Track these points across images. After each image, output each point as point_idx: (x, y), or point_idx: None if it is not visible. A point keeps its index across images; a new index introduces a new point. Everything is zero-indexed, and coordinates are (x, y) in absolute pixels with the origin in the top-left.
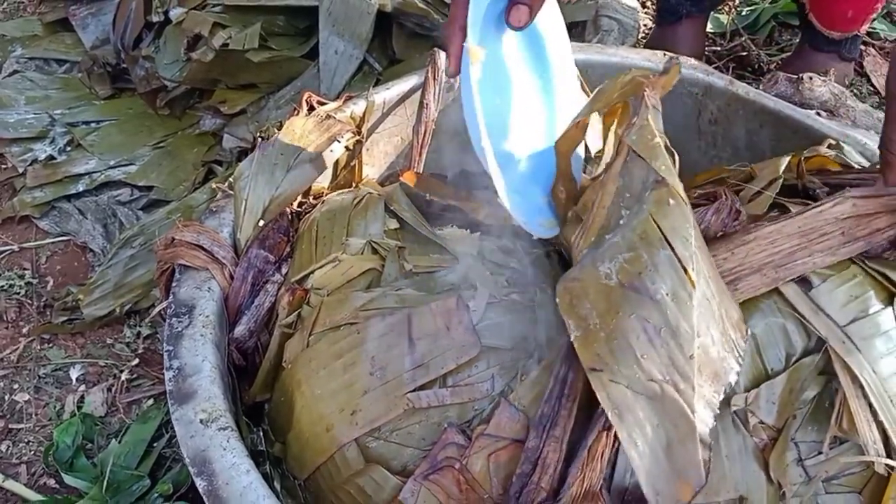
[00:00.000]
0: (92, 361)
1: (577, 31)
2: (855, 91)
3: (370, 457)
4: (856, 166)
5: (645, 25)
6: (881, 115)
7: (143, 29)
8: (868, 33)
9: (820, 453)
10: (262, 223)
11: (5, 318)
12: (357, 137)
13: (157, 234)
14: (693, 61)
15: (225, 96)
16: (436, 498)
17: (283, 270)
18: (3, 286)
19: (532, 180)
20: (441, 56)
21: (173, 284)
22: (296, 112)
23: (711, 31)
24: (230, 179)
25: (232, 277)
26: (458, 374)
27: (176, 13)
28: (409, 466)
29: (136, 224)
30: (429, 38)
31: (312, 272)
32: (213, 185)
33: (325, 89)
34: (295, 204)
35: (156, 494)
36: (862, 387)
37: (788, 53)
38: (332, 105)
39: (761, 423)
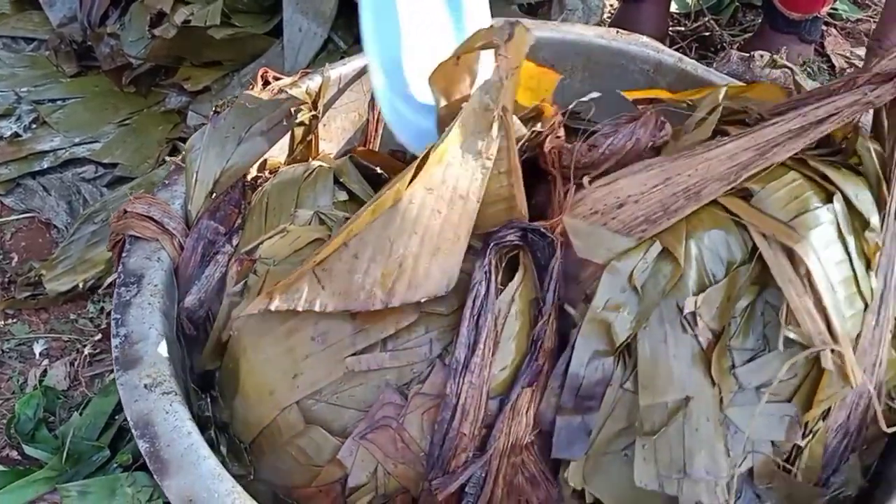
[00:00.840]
0: (55, 336)
1: (543, 10)
2: (808, 69)
3: (311, 419)
4: None
5: (611, 5)
6: None
7: (110, 6)
8: (830, 14)
9: (750, 360)
10: (213, 195)
11: None
12: (313, 112)
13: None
14: (644, 39)
15: (189, 73)
16: (373, 456)
17: (234, 241)
18: None
19: (429, 109)
20: None
21: (123, 255)
22: (251, 87)
23: (676, 11)
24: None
25: (182, 248)
26: (397, 338)
27: None
28: (350, 428)
29: (100, 200)
30: None
31: (261, 243)
32: (168, 160)
33: (289, 67)
34: (250, 177)
35: (115, 465)
36: (809, 273)
37: (751, 34)
38: (287, 80)
39: (707, 326)
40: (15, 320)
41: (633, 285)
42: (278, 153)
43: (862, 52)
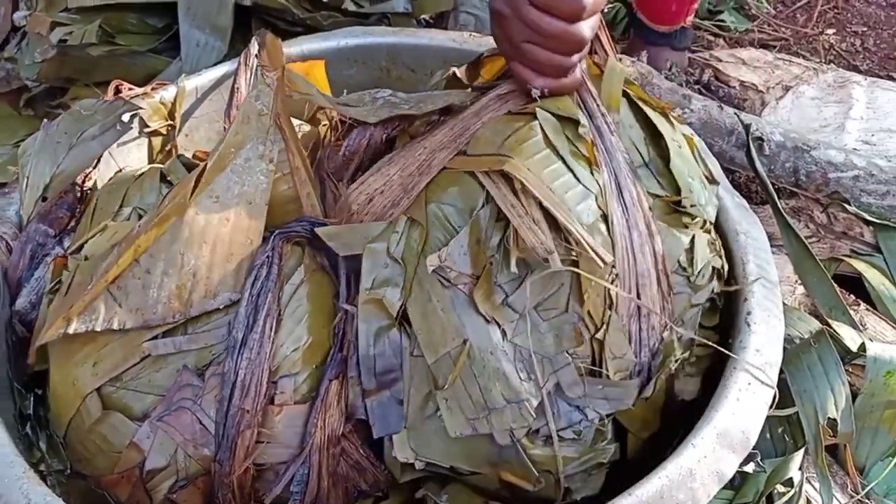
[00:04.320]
0: None
1: (440, 25)
2: (673, 74)
3: (112, 405)
4: None
5: None
6: (687, 91)
7: (11, 32)
8: (717, 25)
9: (518, 287)
10: (45, 199)
11: None
12: (169, 122)
13: None
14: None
15: (77, 93)
16: (172, 439)
17: (66, 244)
18: None
19: None
20: (254, 43)
21: None
22: (102, 98)
23: None
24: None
25: (11, 252)
26: (197, 322)
27: (19, 16)
28: (151, 412)
29: None
30: (293, 34)
31: (86, 242)
32: (10, 169)
33: None
34: (93, 182)
35: None
36: (524, 185)
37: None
38: (139, 90)
39: (461, 273)
40: None
41: (393, 257)
42: (138, 164)
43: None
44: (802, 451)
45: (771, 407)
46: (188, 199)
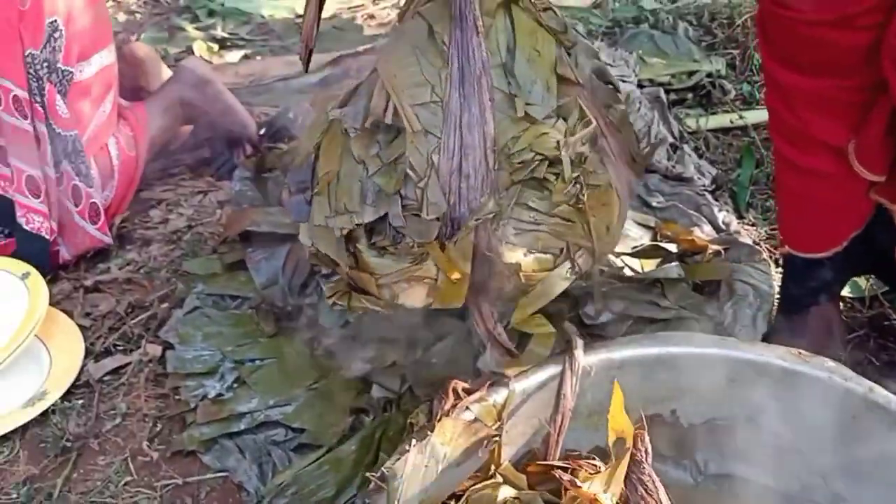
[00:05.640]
0: None
1: (710, 289)
2: None
3: None
4: None
5: None
6: None
7: (309, 276)
8: None
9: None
10: None
11: None
12: (498, 423)
13: (309, 484)
14: (831, 363)
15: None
16: None
17: None
18: None
19: None
20: (580, 350)
21: None
22: (442, 402)
23: (850, 295)
24: (383, 469)
25: None
26: None
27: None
28: None
29: (289, 468)
30: None
31: None
32: (367, 475)
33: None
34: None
35: None
36: None
37: None
38: (475, 395)
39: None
40: None
41: None
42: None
43: None
44: None
45: None
46: None
